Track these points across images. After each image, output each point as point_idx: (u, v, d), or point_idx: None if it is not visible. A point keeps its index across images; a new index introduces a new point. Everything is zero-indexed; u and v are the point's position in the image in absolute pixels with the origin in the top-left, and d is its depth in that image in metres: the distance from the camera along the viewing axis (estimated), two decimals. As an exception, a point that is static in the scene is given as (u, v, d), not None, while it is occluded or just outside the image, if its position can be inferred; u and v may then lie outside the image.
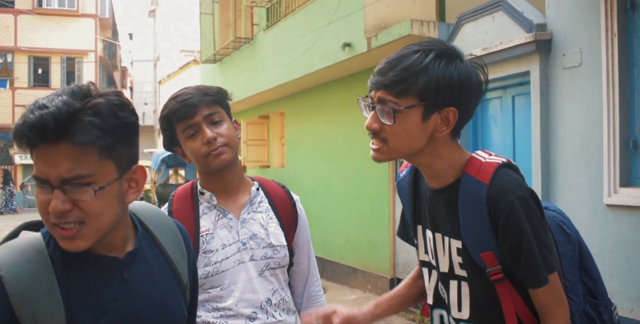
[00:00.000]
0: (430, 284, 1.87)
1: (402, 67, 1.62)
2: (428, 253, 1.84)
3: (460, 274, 1.73)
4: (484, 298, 1.70)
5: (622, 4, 4.58)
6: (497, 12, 5.75)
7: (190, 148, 2.12)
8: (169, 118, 2.14)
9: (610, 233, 4.60)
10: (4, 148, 31.20)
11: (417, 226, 1.89)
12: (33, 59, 31.77)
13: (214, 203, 2.17)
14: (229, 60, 13.36)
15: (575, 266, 1.83)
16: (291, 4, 10.26)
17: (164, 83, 24.73)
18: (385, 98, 1.66)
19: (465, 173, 1.67)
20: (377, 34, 7.39)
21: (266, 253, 2.17)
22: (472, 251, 1.67)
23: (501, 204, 1.60)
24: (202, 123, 2.10)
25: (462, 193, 1.67)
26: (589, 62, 4.82)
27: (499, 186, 1.62)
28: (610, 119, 4.60)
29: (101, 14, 34.71)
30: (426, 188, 1.80)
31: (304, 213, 2.36)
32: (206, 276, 2.08)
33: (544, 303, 1.65)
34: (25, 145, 1.25)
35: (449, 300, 1.78)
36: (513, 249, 1.62)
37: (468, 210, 1.66)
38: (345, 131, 9.56)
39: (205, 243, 2.10)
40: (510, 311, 1.66)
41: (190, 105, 2.11)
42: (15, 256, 1.27)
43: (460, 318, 1.76)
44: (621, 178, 4.56)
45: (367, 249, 8.91)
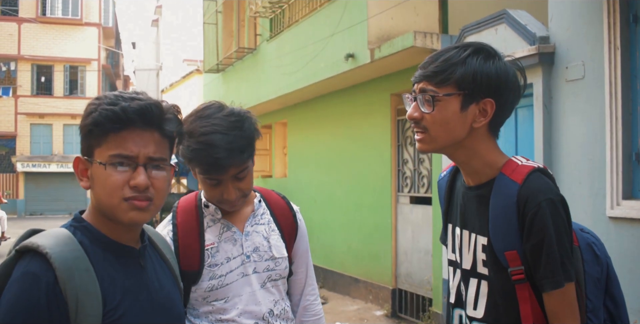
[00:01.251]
0: (454, 283, 1.91)
1: (442, 59, 1.72)
2: (455, 251, 1.89)
3: (481, 272, 1.77)
4: (501, 299, 1.72)
5: (624, 17, 4.60)
6: (500, 24, 5.77)
7: (206, 191, 2.11)
8: (191, 160, 2.02)
9: (613, 246, 4.59)
10: (6, 155, 31.25)
11: (448, 224, 1.96)
12: (36, 67, 31.91)
13: (218, 217, 2.18)
14: (231, 70, 13.40)
15: (600, 289, 1.84)
16: (295, 14, 10.31)
17: (167, 92, 24.76)
18: (426, 88, 1.73)
19: (501, 173, 1.74)
20: (380, 45, 7.42)
21: (268, 265, 2.18)
22: (497, 249, 1.71)
23: (530, 204, 1.65)
24: (229, 180, 2.05)
25: (495, 191, 1.72)
26: (591, 75, 4.83)
27: (530, 187, 1.67)
28: (612, 132, 4.61)
29: (104, 22, 34.85)
30: (461, 186, 1.87)
31: (303, 223, 2.38)
32: (211, 289, 2.09)
33: (555, 311, 1.66)
34: (118, 127, 1.44)
35: (466, 298, 1.81)
36: (535, 248, 1.65)
37: (498, 208, 1.70)
38: (347, 141, 9.57)
39: (210, 257, 2.11)
40: (527, 314, 1.68)
41: (221, 166, 1.99)
42: (53, 240, 1.40)
43: (474, 316, 1.78)
44: (624, 190, 4.57)
45: (369, 259, 8.91)
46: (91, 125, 1.44)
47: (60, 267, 1.34)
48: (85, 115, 1.45)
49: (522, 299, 1.69)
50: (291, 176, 12.00)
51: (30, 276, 1.34)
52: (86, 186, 1.49)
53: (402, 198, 8.20)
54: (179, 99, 22.16)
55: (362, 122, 9.04)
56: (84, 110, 1.48)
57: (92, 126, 1.43)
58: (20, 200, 30.86)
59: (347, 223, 9.58)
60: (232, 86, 13.39)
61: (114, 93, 1.48)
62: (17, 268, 1.37)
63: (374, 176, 8.78)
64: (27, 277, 1.34)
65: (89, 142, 1.46)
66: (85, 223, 1.49)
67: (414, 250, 7.78)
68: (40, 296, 1.32)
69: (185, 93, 21.26)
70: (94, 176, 1.47)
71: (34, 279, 1.33)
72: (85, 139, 1.47)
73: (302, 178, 11.41)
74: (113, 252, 1.49)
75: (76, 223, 1.50)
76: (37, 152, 31.41)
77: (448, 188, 1.96)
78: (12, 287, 1.34)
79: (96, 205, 1.49)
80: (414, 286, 7.84)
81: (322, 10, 9.11)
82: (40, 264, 1.35)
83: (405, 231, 8.03)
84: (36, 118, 31.46)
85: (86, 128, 1.45)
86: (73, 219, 1.52)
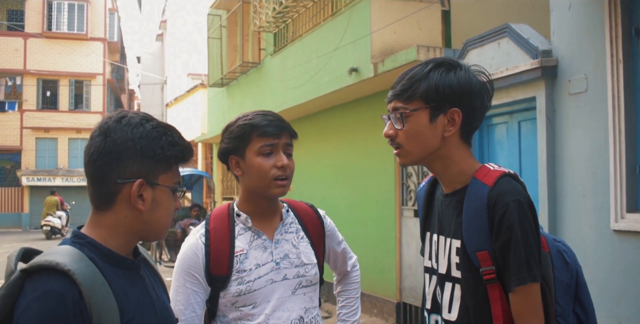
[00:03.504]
0: (429, 289, 1.98)
1: (408, 77, 1.86)
2: (432, 257, 1.97)
3: (455, 275, 1.84)
4: (472, 301, 1.79)
5: (626, 30, 4.62)
6: (502, 38, 5.80)
7: (259, 165, 2.16)
8: (252, 127, 2.18)
9: (618, 259, 4.59)
10: (11, 169, 31.32)
11: (426, 232, 2.04)
12: (42, 82, 32.05)
13: (249, 225, 2.24)
14: (236, 84, 13.46)
15: (570, 295, 1.91)
16: (298, 29, 10.37)
17: (171, 106, 24.81)
18: (397, 106, 1.88)
19: (474, 178, 1.83)
20: (383, 60, 7.46)
21: (298, 271, 2.24)
22: (469, 250, 1.79)
23: (499, 204, 1.74)
24: (281, 148, 2.19)
25: (468, 194, 1.82)
26: (594, 88, 4.85)
27: (499, 189, 1.77)
28: (616, 145, 4.62)
29: (110, 37, 35.06)
30: (439, 195, 1.97)
31: (331, 223, 2.49)
32: (239, 295, 2.14)
33: (520, 312, 1.72)
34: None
35: (442, 302, 1.89)
36: (503, 247, 1.73)
37: (471, 210, 1.80)
38: (351, 155, 9.59)
39: (239, 263, 2.16)
40: (498, 314, 1.74)
41: (279, 126, 2.20)
42: (68, 257, 1.39)
43: (449, 319, 1.85)
44: (628, 203, 4.57)
45: (374, 273, 8.88)
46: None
47: (84, 283, 1.35)
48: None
49: (493, 300, 1.75)
50: (295, 190, 12.00)
51: (54, 295, 1.32)
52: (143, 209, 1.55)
53: (406, 211, 8.20)
54: (183, 113, 22.23)
55: (366, 135, 9.05)
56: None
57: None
58: (25, 214, 30.87)
59: (351, 236, 9.56)
60: (237, 100, 13.44)
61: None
62: (32, 287, 1.34)
63: (378, 190, 8.78)
64: (51, 295, 1.32)
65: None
66: (89, 239, 1.50)
67: (418, 263, 7.74)
68: (68, 314, 1.32)
69: (190, 108, 21.32)
70: (156, 200, 1.55)
71: (58, 297, 1.32)
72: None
73: (306, 192, 11.41)
74: (119, 266, 1.52)
75: (79, 239, 1.50)
76: (42, 166, 31.46)
77: (427, 198, 2.05)
78: (34, 307, 1.31)
79: (120, 223, 1.53)
80: (418, 300, 7.81)
81: (325, 25, 9.17)
82: (62, 282, 1.34)
83: (410, 245, 8.01)
84: (41, 133, 31.55)
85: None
86: (75, 236, 1.52)
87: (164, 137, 1.54)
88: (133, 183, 1.49)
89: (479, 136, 6.38)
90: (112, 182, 1.49)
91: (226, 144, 2.23)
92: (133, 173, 1.49)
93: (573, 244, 4.96)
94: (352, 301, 2.60)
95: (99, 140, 1.49)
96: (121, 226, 1.52)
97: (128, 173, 1.49)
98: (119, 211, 1.51)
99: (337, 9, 8.93)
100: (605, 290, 4.66)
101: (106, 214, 1.51)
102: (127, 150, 1.48)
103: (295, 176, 9.37)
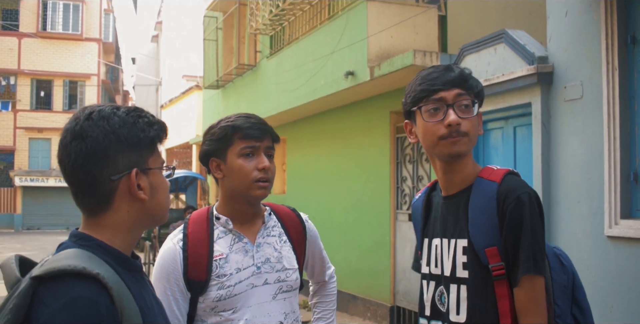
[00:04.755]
0: (428, 295, 1.98)
1: (459, 72, 1.89)
2: (431, 263, 1.98)
3: (461, 276, 1.85)
4: (481, 300, 1.80)
5: (622, 38, 4.65)
6: (499, 44, 5.82)
7: (240, 167, 2.13)
8: (234, 129, 2.15)
9: (612, 265, 4.61)
10: (4, 169, 31.22)
11: (424, 239, 2.04)
12: (36, 82, 31.97)
13: (229, 228, 2.20)
14: (231, 87, 13.47)
15: (567, 296, 1.93)
16: (295, 32, 10.38)
17: (166, 108, 24.79)
18: (461, 93, 1.86)
19: (479, 177, 1.88)
20: (380, 63, 7.48)
21: (279, 276, 2.20)
22: (477, 247, 1.81)
23: (509, 197, 1.78)
24: (262, 150, 2.16)
25: (474, 192, 1.86)
26: (590, 95, 4.88)
27: (508, 184, 1.82)
28: (611, 151, 4.64)
29: (105, 38, 35.00)
30: (439, 200, 2.00)
31: (313, 228, 2.47)
32: (219, 299, 2.10)
33: (523, 306, 1.75)
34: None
35: (448, 304, 1.88)
36: (514, 238, 1.77)
37: (478, 207, 1.83)
38: (346, 158, 9.60)
39: (218, 268, 2.12)
40: (505, 311, 1.76)
41: (261, 129, 2.17)
42: (87, 260, 1.32)
43: (457, 321, 1.84)
44: (622, 210, 4.59)
45: (367, 277, 8.89)
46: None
47: (114, 287, 1.28)
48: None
49: (501, 297, 1.77)
50: (290, 193, 12.01)
51: (84, 301, 1.23)
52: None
53: (400, 215, 8.22)
54: (178, 115, 22.21)
55: (362, 139, 9.07)
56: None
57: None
58: (17, 215, 30.78)
59: (346, 240, 9.58)
60: (232, 102, 13.44)
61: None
62: (53, 294, 1.24)
63: (372, 194, 8.80)
64: (81, 302, 1.23)
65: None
66: (97, 241, 1.42)
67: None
68: (102, 321, 1.24)
69: (185, 109, 21.30)
70: (153, 184, 1.50)
71: (90, 303, 1.24)
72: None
73: (300, 195, 11.42)
74: (127, 268, 1.46)
75: (86, 241, 1.42)
76: (36, 166, 31.38)
77: (425, 207, 2.07)
78: (62, 315, 1.22)
79: (124, 220, 1.47)
80: (412, 304, 7.82)
81: (322, 28, 9.18)
82: (90, 287, 1.26)
83: (404, 249, 8.03)
84: (35, 133, 31.47)
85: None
86: (80, 238, 1.42)
87: (139, 119, 1.47)
88: (129, 175, 1.43)
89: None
90: (107, 181, 1.41)
91: (207, 146, 2.19)
92: (125, 165, 1.43)
93: (567, 250, 4.97)
94: (328, 314, 2.57)
95: (76, 144, 1.40)
96: (125, 224, 1.46)
97: (120, 167, 1.42)
98: (120, 208, 1.44)
99: (334, 12, 8.95)
100: (599, 296, 4.68)
101: (106, 215, 1.44)
102: (111, 143, 1.41)
103: (290, 179, 9.40)
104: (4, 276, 1.35)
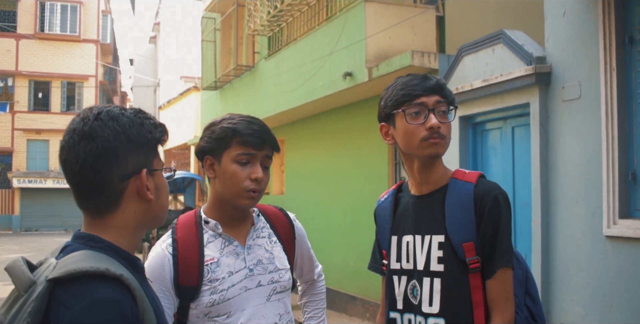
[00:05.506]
0: (400, 289, 2.08)
1: (436, 80, 2.02)
2: (402, 259, 2.08)
3: (435, 269, 1.97)
4: (455, 291, 1.93)
5: (620, 38, 4.66)
6: (497, 44, 5.83)
7: (233, 173, 2.09)
8: (234, 132, 2.10)
9: (610, 265, 4.62)
10: (2, 171, 31.18)
11: (392, 237, 2.15)
12: (34, 83, 31.95)
13: (219, 232, 2.16)
14: (229, 87, 13.46)
15: (523, 288, 2.10)
16: (293, 33, 10.38)
17: (164, 109, 24.77)
18: (441, 101, 1.99)
19: (453, 178, 2.02)
20: (378, 64, 7.48)
21: (272, 277, 2.18)
22: (455, 243, 1.94)
23: (487, 197, 1.93)
24: (259, 159, 2.11)
25: (450, 192, 1.99)
26: (588, 95, 4.88)
27: (485, 185, 1.98)
28: (609, 151, 4.65)
29: (102, 39, 34.99)
30: (409, 200, 2.11)
31: (300, 227, 2.43)
32: (212, 305, 2.07)
33: (496, 296, 1.91)
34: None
35: (421, 297, 1.99)
36: (491, 234, 1.92)
37: (455, 206, 1.97)
38: (345, 159, 9.60)
39: (210, 272, 2.09)
40: (479, 301, 1.91)
41: (262, 138, 2.11)
42: (106, 262, 1.31)
43: (430, 312, 1.96)
44: (620, 210, 4.59)
45: (366, 277, 8.89)
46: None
47: (137, 288, 1.28)
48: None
49: (475, 288, 1.92)
50: (288, 194, 12.01)
51: (108, 302, 1.22)
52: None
53: (399, 216, 8.21)
54: (176, 116, 22.20)
55: (360, 140, 9.08)
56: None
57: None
58: (15, 216, 30.74)
59: (344, 240, 9.58)
60: (230, 103, 13.44)
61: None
62: (73, 296, 1.23)
63: (371, 194, 8.79)
64: (105, 304, 1.22)
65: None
66: (107, 243, 1.41)
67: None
68: (128, 322, 1.23)
69: (183, 111, 21.30)
70: (157, 185, 1.51)
71: (114, 305, 1.23)
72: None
73: (299, 196, 11.42)
74: (135, 269, 1.45)
75: (96, 243, 1.40)
76: (34, 167, 31.35)
77: (393, 206, 2.19)
78: (87, 317, 1.20)
79: (130, 221, 1.47)
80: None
81: (320, 29, 9.19)
82: (114, 288, 1.25)
83: (403, 249, 8.02)
84: (33, 134, 31.45)
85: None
86: (89, 239, 1.41)
87: (146, 120, 1.48)
88: (139, 176, 1.43)
89: (472, 141, 6.41)
90: (116, 181, 1.40)
91: (205, 143, 2.15)
92: (135, 165, 1.42)
93: (566, 249, 5.00)
94: (319, 312, 2.55)
95: (85, 144, 1.39)
96: (131, 224, 1.46)
97: (130, 167, 1.42)
98: (128, 209, 1.44)
99: (332, 13, 8.95)
100: (598, 295, 4.69)
101: (112, 216, 1.43)
102: (122, 143, 1.40)
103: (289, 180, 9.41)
104: (14, 279, 1.32)
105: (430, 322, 1.96)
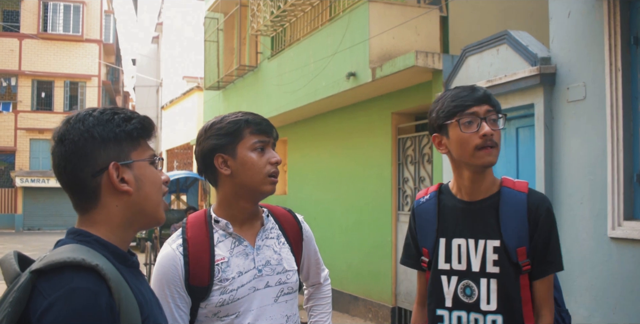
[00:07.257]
0: (449, 288, 2.21)
1: (483, 90, 2.15)
2: (452, 260, 2.21)
3: (491, 271, 2.13)
4: (510, 290, 2.10)
5: (625, 39, 4.64)
6: (501, 45, 5.82)
7: (252, 162, 2.11)
8: (246, 123, 2.15)
9: (614, 266, 4.60)
10: (5, 170, 31.23)
11: (439, 239, 2.24)
12: (37, 83, 32.00)
13: (229, 231, 2.16)
14: (232, 88, 13.46)
15: (558, 292, 2.33)
16: (296, 33, 10.37)
17: (167, 109, 24.77)
18: (490, 109, 2.12)
19: (504, 187, 2.18)
20: (381, 65, 7.47)
21: (280, 278, 2.19)
22: (510, 247, 2.10)
23: (541, 208, 2.11)
24: (271, 146, 2.19)
25: (504, 200, 2.14)
26: (592, 96, 4.87)
27: (537, 195, 2.15)
28: (614, 153, 4.64)
29: (105, 39, 35.01)
30: (456, 204, 2.22)
31: (308, 229, 2.44)
32: (222, 304, 2.07)
33: (543, 295, 2.12)
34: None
35: (479, 296, 2.15)
36: (544, 242, 2.10)
37: (509, 214, 2.12)
38: (348, 160, 9.59)
39: (220, 272, 2.09)
40: (527, 298, 2.11)
41: (270, 126, 2.21)
42: (86, 253, 1.36)
43: (488, 310, 2.13)
44: (625, 211, 4.58)
45: (369, 278, 8.89)
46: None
47: (113, 278, 1.31)
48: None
49: (524, 287, 2.11)
50: (291, 194, 12.00)
51: (82, 292, 1.26)
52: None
53: (402, 216, 8.21)
54: (178, 116, 22.20)
55: (363, 140, 9.06)
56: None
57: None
58: (18, 215, 30.78)
59: (347, 241, 9.57)
60: (233, 103, 13.43)
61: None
62: (51, 286, 1.27)
63: (374, 195, 8.79)
64: (79, 293, 1.26)
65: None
66: (94, 237, 1.46)
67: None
68: (101, 311, 1.26)
69: (186, 110, 21.30)
70: (138, 176, 1.53)
71: (88, 294, 1.26)
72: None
73: (301, 196, 11.41)
74: (125, 263, 1.49)
75: (83, 237, 1.46)
76: (36, 167, 31.40)
77: (438, 208, 2.28)
78: (59, 305, 1.24)
79: (115, 215, 1.50)
80: (413, 305, 7.79)
81: (323, 29, 9.18)
82: (89, 278, 1.28)
83: (406, 250, 8.00)
84: (36, 134, 31.49)
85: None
86: (78, 234, 1.46)
87: (115, 116, 1.51)
88: (108, 170, 1.47)
89: (476, 142, 6.37)
90: (89, 179, 1.46)
91: (215, 140, 2.13)
92: (104, 160, 1.47)
93: (570, 251, 4.98)
94: (325, 317, 2.55)
95: (58, 148, 1.46)
96: (117, 218, 1.50)
97: (99, 164, 1.46)
98: (107, 203, 1.48)
99: (335, 13, 8.94)
100: (602, 297, 4.68)
101: (96, 211, 1.49)
102: (87, 143, 1.45)
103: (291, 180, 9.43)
104: (3, 271, 1.39)
105: (489, 318, 2.13)
